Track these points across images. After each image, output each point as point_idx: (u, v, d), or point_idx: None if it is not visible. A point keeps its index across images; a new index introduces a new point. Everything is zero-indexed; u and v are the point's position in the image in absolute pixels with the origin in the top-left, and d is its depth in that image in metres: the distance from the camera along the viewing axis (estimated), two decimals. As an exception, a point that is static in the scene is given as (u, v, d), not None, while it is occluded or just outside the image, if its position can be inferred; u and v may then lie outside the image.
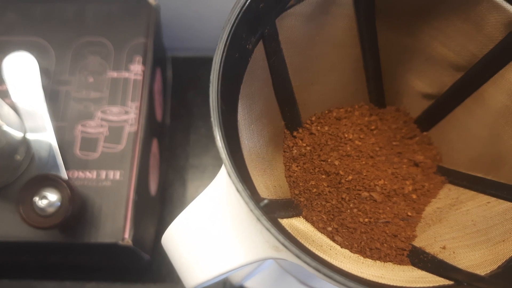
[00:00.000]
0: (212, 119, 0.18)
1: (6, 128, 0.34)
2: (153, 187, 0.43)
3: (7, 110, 0.35)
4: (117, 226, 0.35)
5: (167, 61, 0.50)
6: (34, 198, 0.33)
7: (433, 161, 0.26)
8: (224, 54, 0.18)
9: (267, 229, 0.16)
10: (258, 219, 0.16)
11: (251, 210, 0.16)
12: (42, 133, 0.37)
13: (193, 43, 0.50)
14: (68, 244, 0.35)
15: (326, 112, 0.26)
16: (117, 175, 0.36)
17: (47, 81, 0.39)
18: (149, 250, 0.42)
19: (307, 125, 0.26)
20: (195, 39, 0.49)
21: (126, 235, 0.35)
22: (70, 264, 0.43)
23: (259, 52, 0.21)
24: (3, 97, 0.34)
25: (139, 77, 0.39)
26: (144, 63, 0.40)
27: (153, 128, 0.42)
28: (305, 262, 0.16)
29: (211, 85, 0.18)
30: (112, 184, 0.36)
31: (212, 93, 0.18)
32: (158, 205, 0.46)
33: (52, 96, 0.38)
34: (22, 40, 0.40)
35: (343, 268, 0.18)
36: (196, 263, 0.19)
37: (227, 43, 0.19)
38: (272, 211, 0.19)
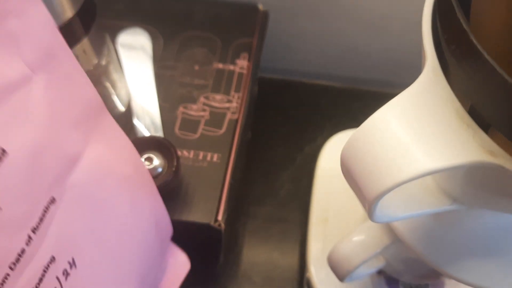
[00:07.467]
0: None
1: (114, 98, 0.34)
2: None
3: (118, 81, 0.35)
4: (210, 208, 0.34)
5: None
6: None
7: None
8: None
9: None
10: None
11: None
12: (146, 109, 0.37)
13: (283, 64, 0.51)
14: (157, 219, 0.33)
15: None
16: (215, 157, 0.35)
17: (153, 64, 0.39)
18: (225, 252, 0.39)
19: None
20: (287, 60, 0.50)
21: (220, 217, 0.33)
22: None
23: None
24: (114, 69, 0.34)
25: (244, 71, 0.39)
26: (249, 59, 0.40)
27: (248, 122, 0.41)
28: None
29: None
30: (209, 165, 0.35)
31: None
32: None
33: (157, 78, 0.38)
34: (132, 25, 0.41)
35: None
36: (392, 162, 0.17)
37: None
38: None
